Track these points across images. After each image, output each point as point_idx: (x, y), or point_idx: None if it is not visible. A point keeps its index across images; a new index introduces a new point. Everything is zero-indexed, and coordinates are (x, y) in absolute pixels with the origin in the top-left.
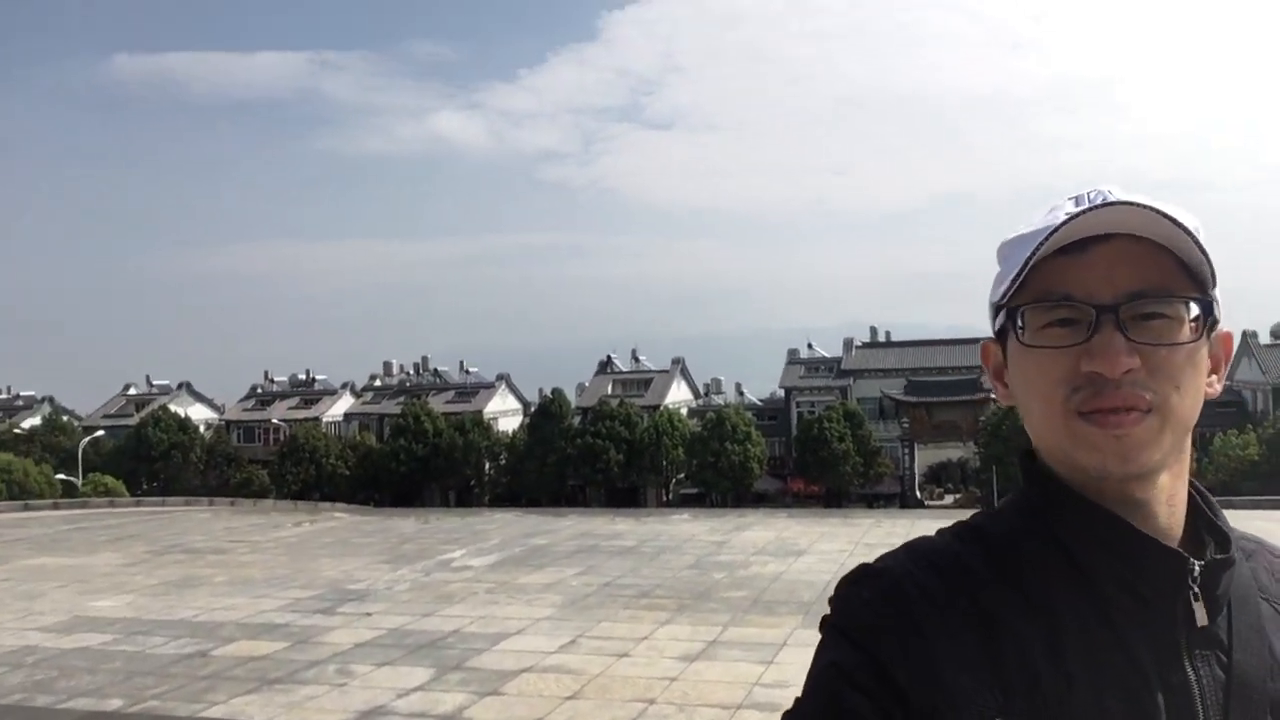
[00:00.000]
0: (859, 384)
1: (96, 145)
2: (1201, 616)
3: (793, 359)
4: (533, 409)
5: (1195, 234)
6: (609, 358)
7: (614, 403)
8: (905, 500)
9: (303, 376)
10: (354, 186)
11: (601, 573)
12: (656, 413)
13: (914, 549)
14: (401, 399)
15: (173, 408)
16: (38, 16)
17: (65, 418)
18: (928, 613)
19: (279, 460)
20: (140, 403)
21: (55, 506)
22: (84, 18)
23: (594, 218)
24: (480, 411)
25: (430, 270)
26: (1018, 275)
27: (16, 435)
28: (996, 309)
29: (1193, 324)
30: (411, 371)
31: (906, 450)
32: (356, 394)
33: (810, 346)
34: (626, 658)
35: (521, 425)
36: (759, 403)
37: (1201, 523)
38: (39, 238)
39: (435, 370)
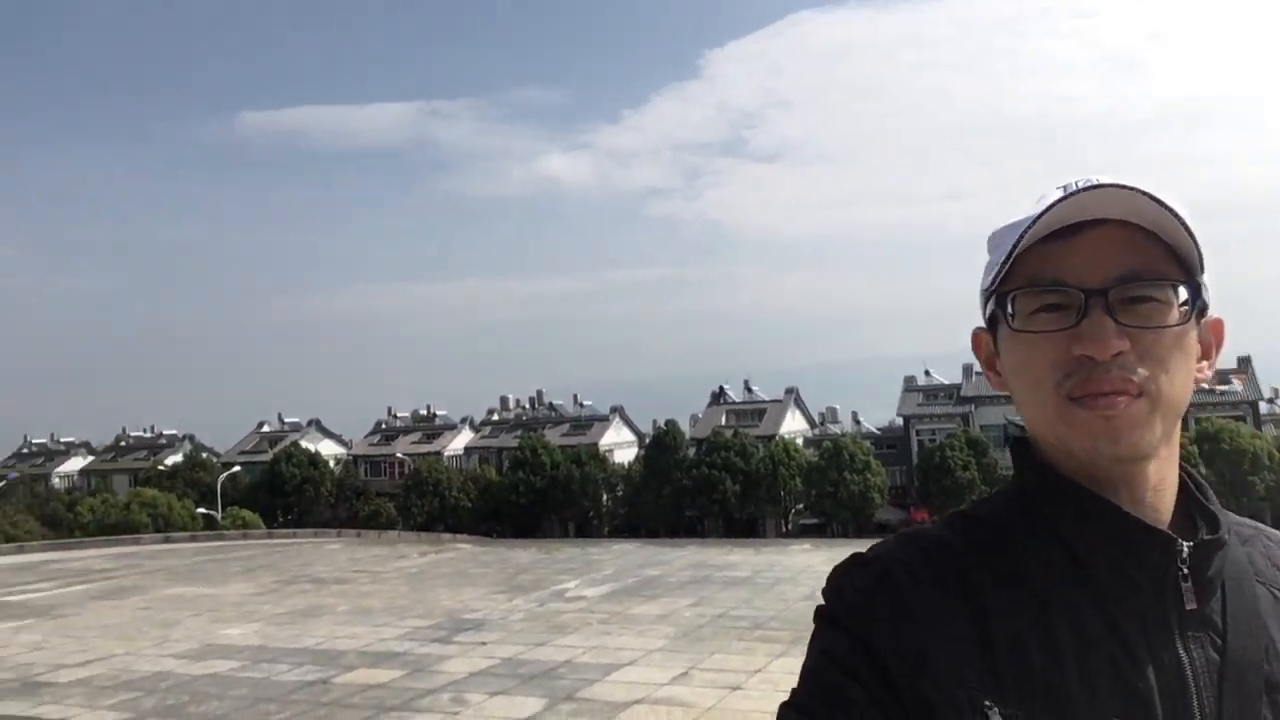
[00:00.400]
0: (980, 411)
1: (226, 197)
2: (1190, 599)
3: (910, 386)
4: (647, 440)
5: (1184, 218)
6: (721, 389)
7: (728, 433)
8: None
9: (424, 412)
10: (469, 228)
11: (715, 604)
12: (771, 443)
13: (907, 537)
14: (518, 432)
15: (303, 444)
16: (171, 79)
17: (204, 454)
18: (919, 599)
19: (404, 493)
20: (273, 439)
21: (193, 539)
22: (212, 78)
23: (701, 251)
24: (595, 444)
25: (544, 306)
26: (1006, 260)
27: (160, 472)
28: (987, 296)
29: (1181, 308)
30: (527, 405)
31: None
32: (475, 428)
33: (928, 373)
34: (739, 690)
35: (637, 457)
36: (877, 431)
37: (1193, 506)
38: (178, 287)
39: (550, 404)
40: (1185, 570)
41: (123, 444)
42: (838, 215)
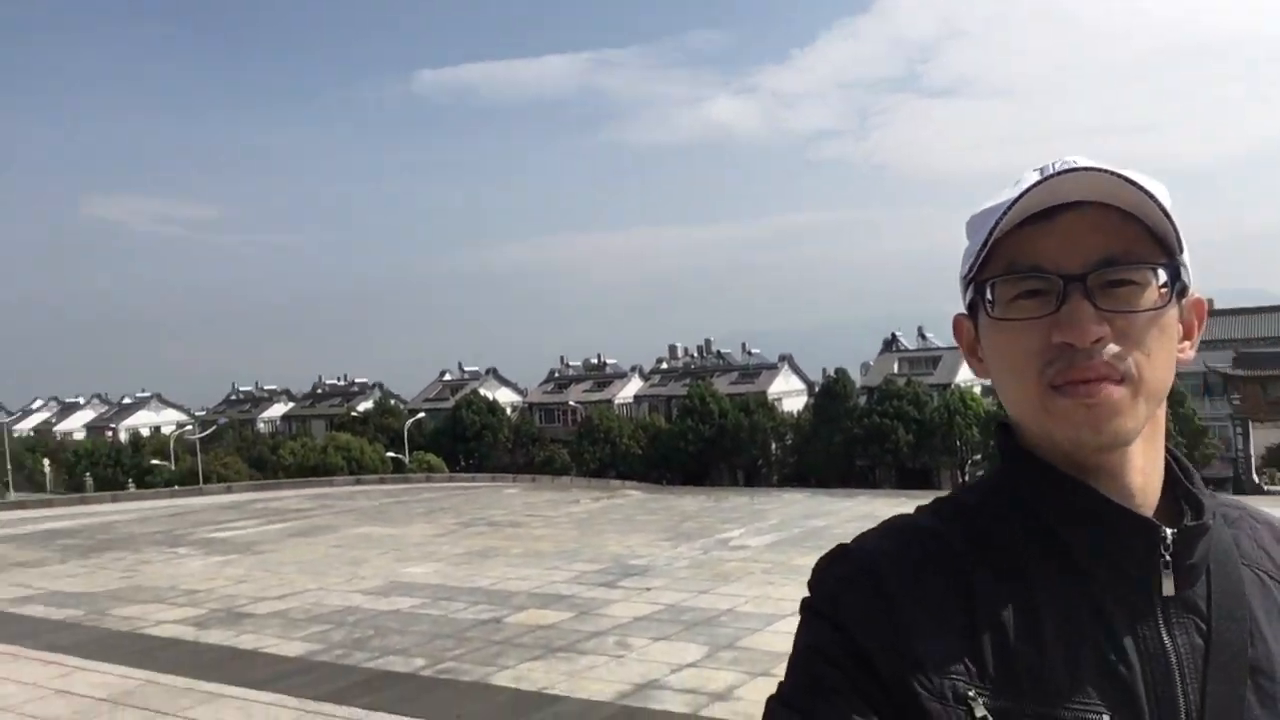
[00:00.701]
0: None
1: (406, 154)
2: (1169, 586)
3: None
4: (816, 389)
5: (1161, 200)
6: (894, 336)
7: (901, 381)
8: (1240, 485)
9: (595, 360)
10: (638, 176)
11: None
12: (947, 391)
13: (891, 526)
14: (687, 381)
15: (482, 391)
16: (352, 42)
17: (392, 401)
18: (902, 589)
19: (577, 440)
20: (454, 387)
21: (381, 481)
22: (391, 40)
23: (871, 194)
24: (764, 392)
25: (711, 254)
26: (984, 246)
27: (353, 418)
28: (966, 283)
29: (1161, 290)
30: (695, 354)
31: (1239, 430)
32: (645, 376)
33: None
34: None
35: (806, 405)
36: None
37: (1179, 491)
38: (364, 243)
39: (718, 352)
40: (1169, 557)
41: (319, 391)
42: (1019, 151)
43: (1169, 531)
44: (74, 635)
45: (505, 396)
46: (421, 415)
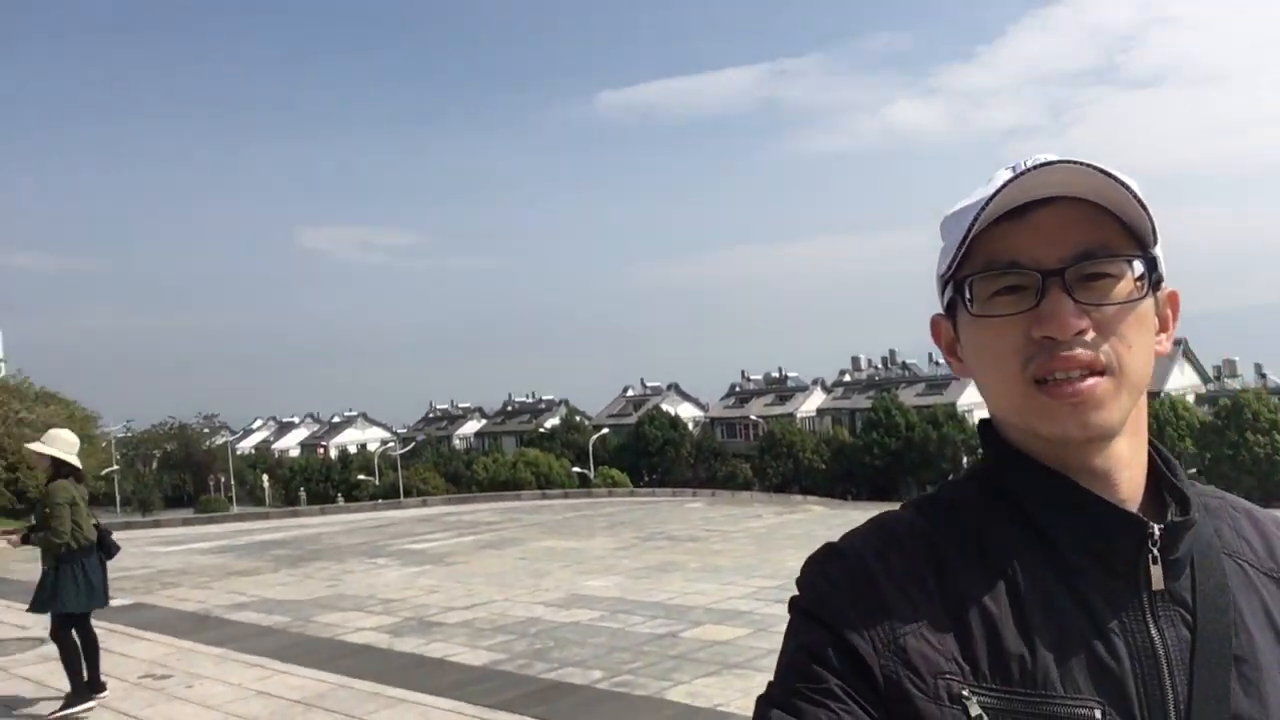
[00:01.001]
0: None
1: (587, 175)
2: (1158, 580)
3: None
4: None
5: (1136, 191)
6: None
7: None
8: None
9: (776, 374)
10: (817, 186)
11: None
12: (1157, 400)
13: (879, 525)
14: (871, 393)
15: (664, 406)
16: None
17: (578, 418)
18: (893, 588)
19: (759, 454)
20: (637, 403)
21: (565, 495)
22: (574, 64)
23: None
24: (953, 404)
25: (894, 262)
26: (962, 244)
27: (541, 434)
28: (944, 282)
29: (1137, 282)
30: (880, 365)
31: None
32: (827, 389)
33: None
34: None
35: None
36: None
37: (1163, 484)
38: (550, 263)
39: (904, 363)
40: (1156, 552)
41: (509, 409)
42: (1236, 140)
43: (1157, 527)
44: (278, 640)
45: (687, 411)
46: (606, 431)
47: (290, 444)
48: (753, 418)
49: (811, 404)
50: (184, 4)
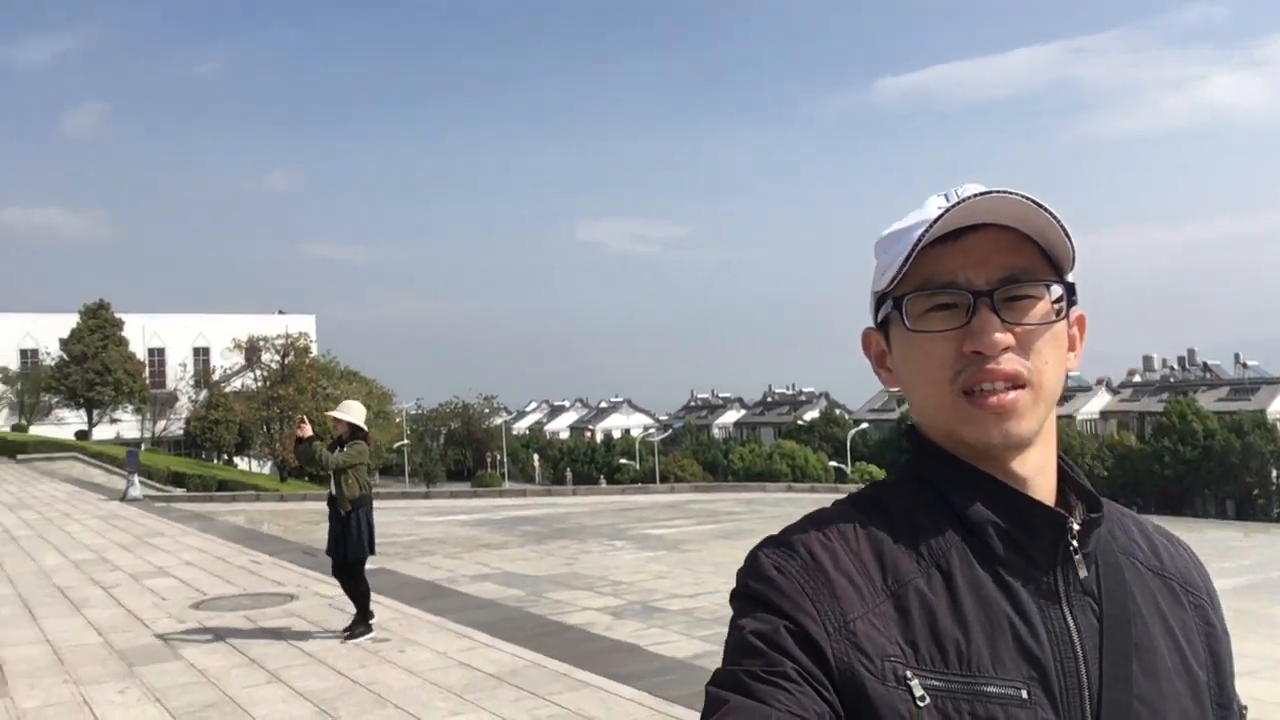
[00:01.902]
0: None
1: (861, 164)
2: (1079, 570)
3: None
4: None
5: (1061, 222)
6: None
7: None
8: None
9: None
10: (1111, 172)
11: None
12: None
13: (817, 519)
14: (1164, 396)
15: None
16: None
17: (838, 411)
18: (840, 577)
19: None
20: (901, 398)
21: (811, 489)
22: (853, 49)
23: None
24: (1263, 411)
25: (1198, 254)
26: (904, 263)
27: (799, 426)
28: (879, 299)
29: (1054, 305)
30: (1175, 366)
31: None
32: (1113, 390)
33: None
34: None
35: None
36: None
37: (1070, 487)
38: (817, 253)
39: (1204, 364)
40: (1075, 544)
41: (769, 400)
42: None
43: (1075, 523)
44: (493, 614)
45: None
46: (866, 426)
47: (560, 426)
48: None
49: (1094, 405)
50: (485, 17)
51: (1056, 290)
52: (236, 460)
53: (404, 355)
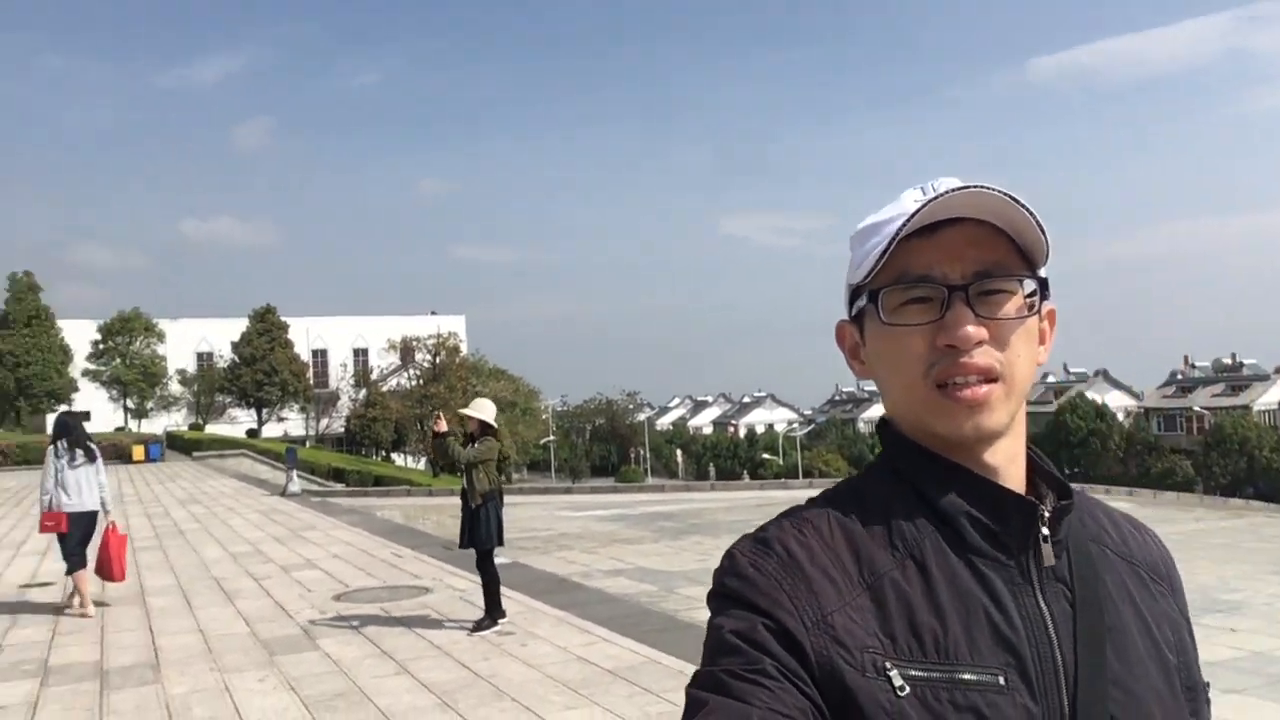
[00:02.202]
0: None
1: (1019, 146)
2: (1049, 557)
3: None
4: None
5: (1037, 216)
6: None
7: None
8: None
9: (1228, 360)
10: None
11: None
12: None
13: (793, 516)
14: None
15: (1089, 394)
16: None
17: None
18: (816, 572)
19: (1203, 451)
20: (1058, 390)
21: None
22: (1004, 29)
23: None
24: None
25: None
26: (882, 255)
27: None
28: (854, 291)
29: (1027, 299)
30: None
31: None
32: None
33: None
34: None
35: None
36: None
37: (1040, 477)
38: None
39: None
40: (1046, 531)
41: None
42: None
43: (1045, 510)
44: (616, 609)
45: (1116, 400)
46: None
47: (703, 422)
48: (1197, 409)
49: (1273, 396)
50: (618, 13)
51: (1030, 285)
52: (393, 456)
53: (549, 353)
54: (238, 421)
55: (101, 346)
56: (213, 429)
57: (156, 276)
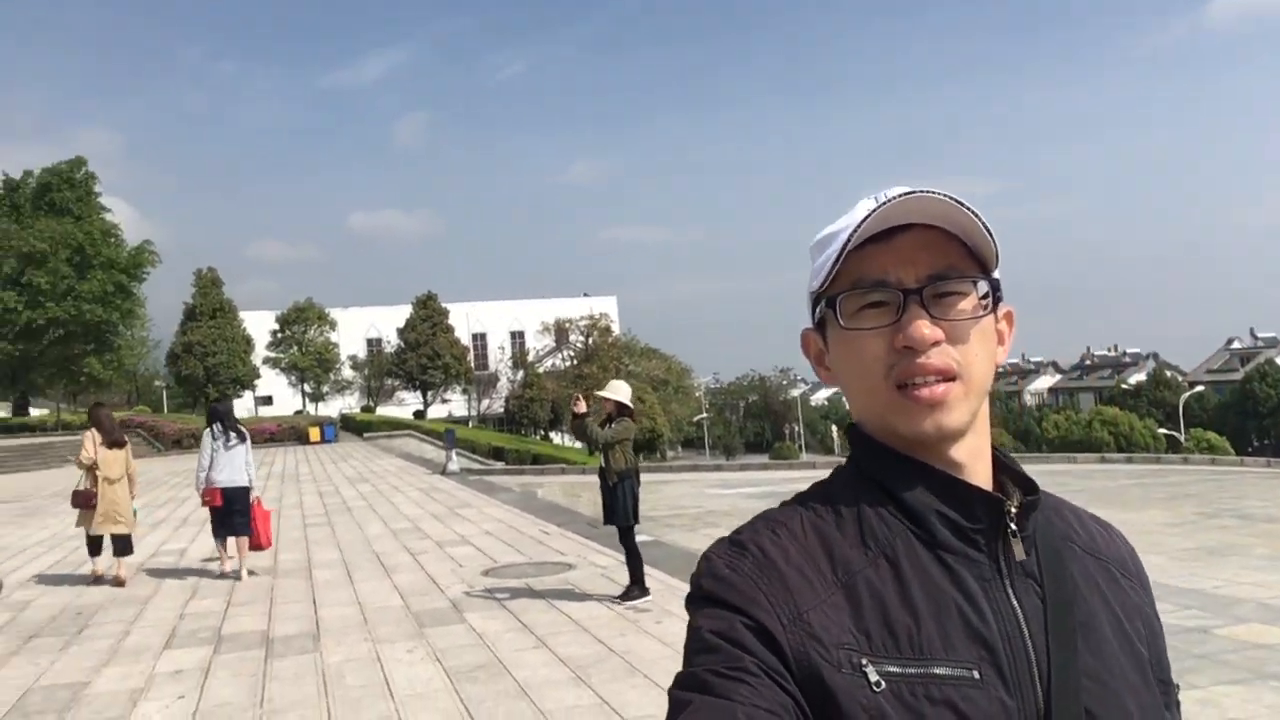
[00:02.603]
0: None
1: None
2: (1019, 551)
3: None
4: None
5: (984, 221)
6: None
7: None
8: None
9: None
10: None
11: None
12: None
13: (767, 518)
14: None
15: (1279, 361)
16: None
17: (1168, 373)
18: (793, 572)
19: None
20: (1245, 357)
21: (1128, 460)
22: None
23: None
24: None
25: None
26: (834, 264)
27: (1123, 390)
28: (816, 299)
29: (981, 300)
30: None
31: None
32: None
33: None
34: None
35: None
36: None
37: (1006, 474)
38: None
39: None
40: (1014, 527)
41: (1087, 363)
42: None
43: (1012, 505)
44: None
45: None
46: (1202, 388)
47: None
48: None
49: None
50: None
51: (983, 286)
52: (551, 436)
53: (702, 331)
54: (405, 404)
55: (280, 335)
56: (382, 411)
57: (328, 267)
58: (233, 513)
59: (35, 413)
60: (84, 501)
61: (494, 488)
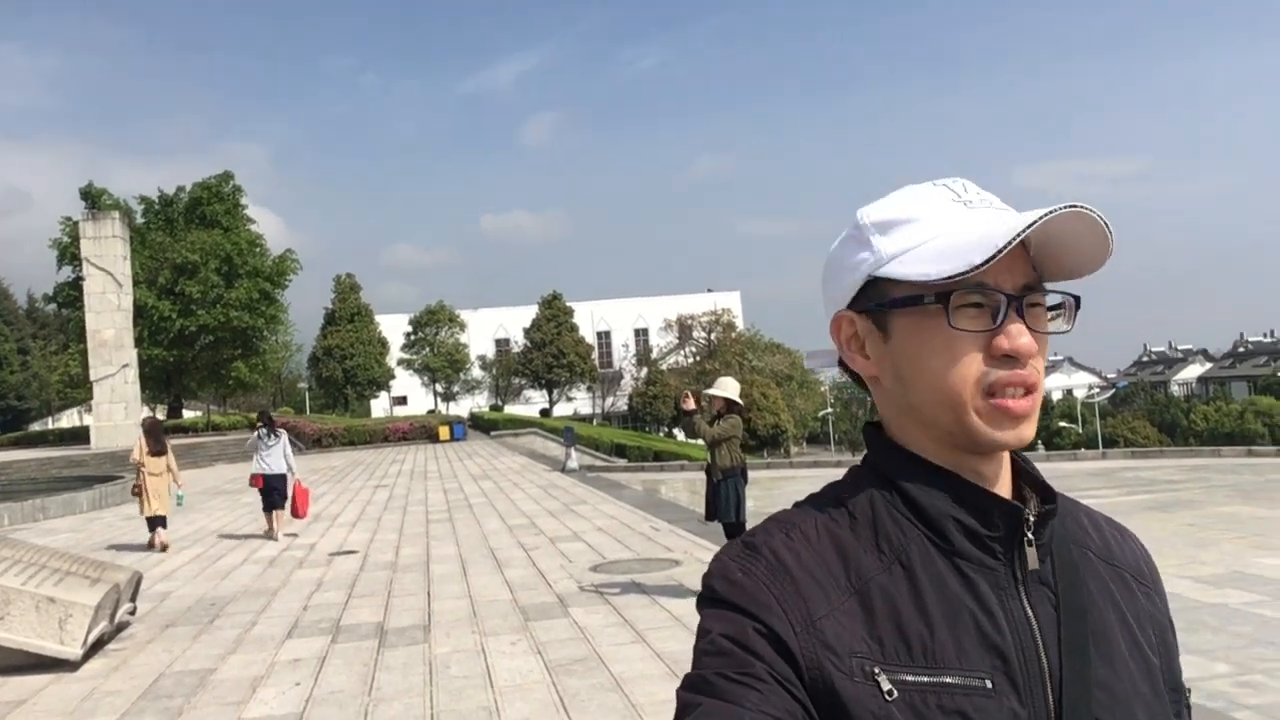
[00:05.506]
0: None
1: None
2: (1033, 561)
3: None
4: None
5: (1112, 240)
6: None
7: None
8: None
9: None
10: None
11: None
12: None
13: (782, 521)
14: None
15: None
16: None
17: None
18: (806, 578)
19: None
20: None
21: (1278, 454)
22: None
23: None
24: None
25: None
26: (995, 255)
27: (1278, 379)
28: (872, 283)
29: (1050, 313)
30: None
31: None
32: None
33: None
34: None
35: None
36: None
37: (1024, 480)
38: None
39: None
40: (1031, 536)
41: (1240, 350)
42: None
43: (1030, 514)
44: None
45: None
46: None
47: None
48: None
49: None
50: None
51: (1053, 299)
52: (675, 433)
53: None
54: (532, 402)
55: (413, 337)
56: (510, 409)
57: (459, 270)
58: (271, 491)
59: (187, 415)
60: (137, 492)
61: (610, 484)
